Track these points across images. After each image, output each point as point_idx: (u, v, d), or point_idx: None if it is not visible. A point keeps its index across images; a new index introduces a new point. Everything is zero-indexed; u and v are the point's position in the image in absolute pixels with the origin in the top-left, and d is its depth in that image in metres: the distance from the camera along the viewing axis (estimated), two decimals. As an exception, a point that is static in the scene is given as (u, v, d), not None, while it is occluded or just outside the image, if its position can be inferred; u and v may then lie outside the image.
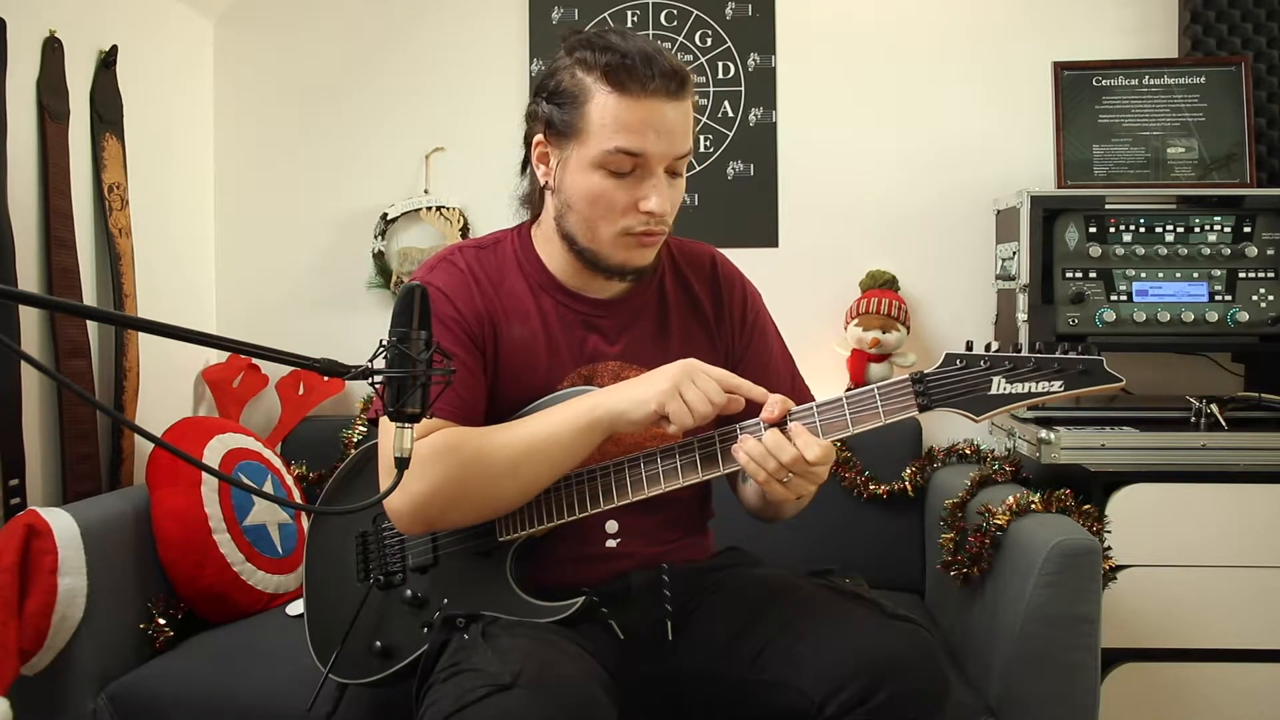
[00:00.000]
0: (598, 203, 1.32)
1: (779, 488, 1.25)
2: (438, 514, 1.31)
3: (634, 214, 1.32)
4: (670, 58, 1.31)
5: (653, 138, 1.29)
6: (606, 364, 1.42)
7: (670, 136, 1.30)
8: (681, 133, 1.32)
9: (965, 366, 1.24)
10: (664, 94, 1.29)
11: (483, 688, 1.12)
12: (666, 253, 1.49)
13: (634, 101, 1.28)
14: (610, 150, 1.29)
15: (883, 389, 1.25)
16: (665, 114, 1.29)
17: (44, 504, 1.84)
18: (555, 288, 1.42)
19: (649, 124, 1.28)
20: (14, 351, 0.93)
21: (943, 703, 1.23)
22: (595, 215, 1.33)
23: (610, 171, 1.30)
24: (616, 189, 1.31)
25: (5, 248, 1.76)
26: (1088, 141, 2.27)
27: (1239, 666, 1.90)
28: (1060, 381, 1.21)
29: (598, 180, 1.31)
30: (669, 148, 1.30)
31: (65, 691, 1.66)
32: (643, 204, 1.31)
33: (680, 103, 1.31)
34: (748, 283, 1.55)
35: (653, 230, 1.33)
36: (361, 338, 1.50)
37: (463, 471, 1.28)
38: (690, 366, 1.27)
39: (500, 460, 1.28)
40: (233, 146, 2.56)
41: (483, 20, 2.52)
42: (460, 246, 1.46)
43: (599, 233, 1.34)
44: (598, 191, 1.31)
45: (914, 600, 2.12)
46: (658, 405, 1.25)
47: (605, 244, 1.34)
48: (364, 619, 1.44)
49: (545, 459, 1.29)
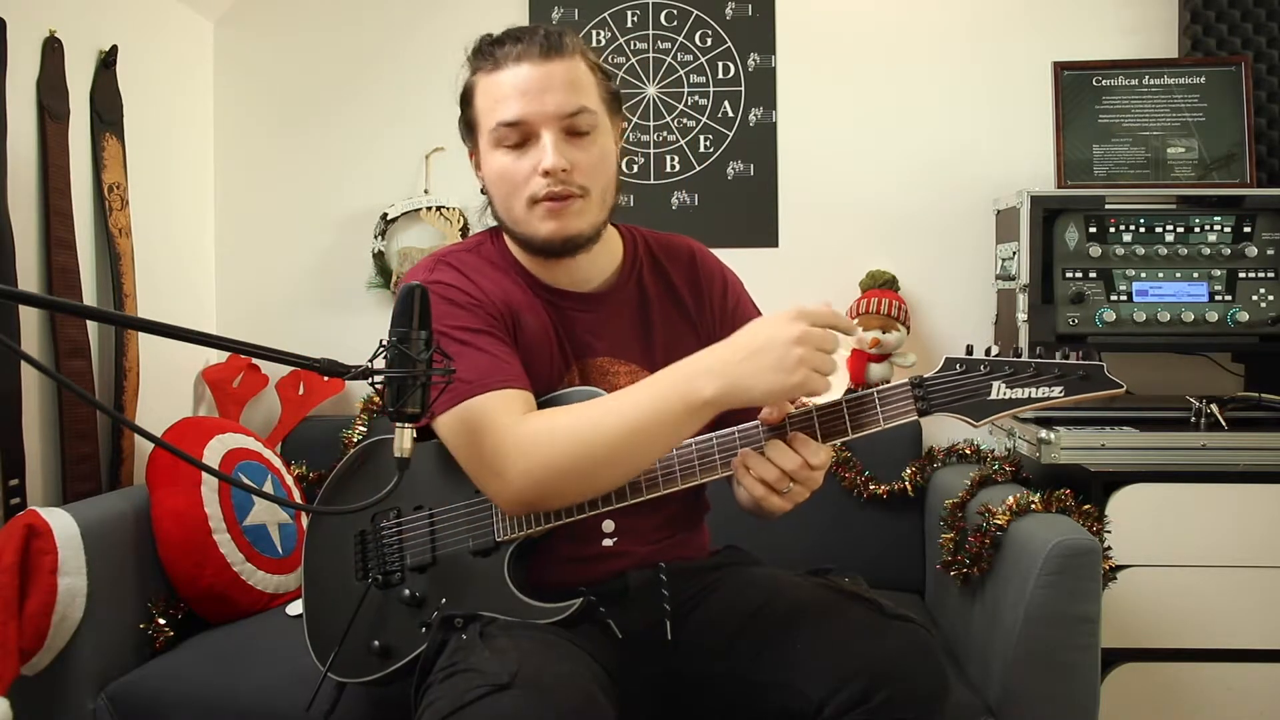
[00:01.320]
0: (503, 180, 1.35)
1: (777, 500, 1.24)
2: (545, 495, 1.28)
3: (535, 179, 1.33)
4: (546, 27, 1.35)
5: (527, 101, 1.31)
6: (596, 360, 1.42)
7: (544, 96, 1.31)
8: (561, 90, 1.32)
9: (965, 371, 1.24)
10: (531, 58, 1.32)
11: (480, 688, 1.12)
12: (644, 247, 1.50)
13: (503, 73, 1.33)
14: (494, 127, 1.33)
15: (882, 393, 1.25)
16: (534, 76, 1.32)
17: (44, 504, 1.84)
18: (537, 284, 1.43)
19: (520, 90, 1.32)
20: (14, 351, 0.93)
21: (942, 703, 1.23)
22: (506, 193, 1.36)
23: (507, 147, 1.34)
24: (515, 161, 1.34)
25: (5, 248, 1.76)
26: (1088, 141, 2.27)
27: (1239, 666, 1.90)
28: (1061, 387, 1.21)
29: (499, 158, 1.35)
30: (548, 106, 1.31)
31: (65, 691, 1.66)
32: (540, 165, 1.32)
33: (552, 63, 1.32)
34: (728, 271, 1.55)
35: (555, 192, 1.32)
36: (361, 338, 1.50)
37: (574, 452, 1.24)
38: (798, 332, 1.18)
39: (612, 441, 1.23)
40: (233, 146, 2.56)
41: (483, 20, 2.48)
42: (451, 250, 1.46)
43: (514, 210, 1.36)
44: (499, 169, 1.35)
45: (914, 600, 2.12)
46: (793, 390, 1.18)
47: (522, 220, 1.36)
48: (362, 618, 1.43)
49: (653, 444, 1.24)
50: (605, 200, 1.38)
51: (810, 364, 1.18)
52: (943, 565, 1.85)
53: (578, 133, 1.34)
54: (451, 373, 1.14)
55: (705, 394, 1.20)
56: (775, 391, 1.18)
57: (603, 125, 1.37)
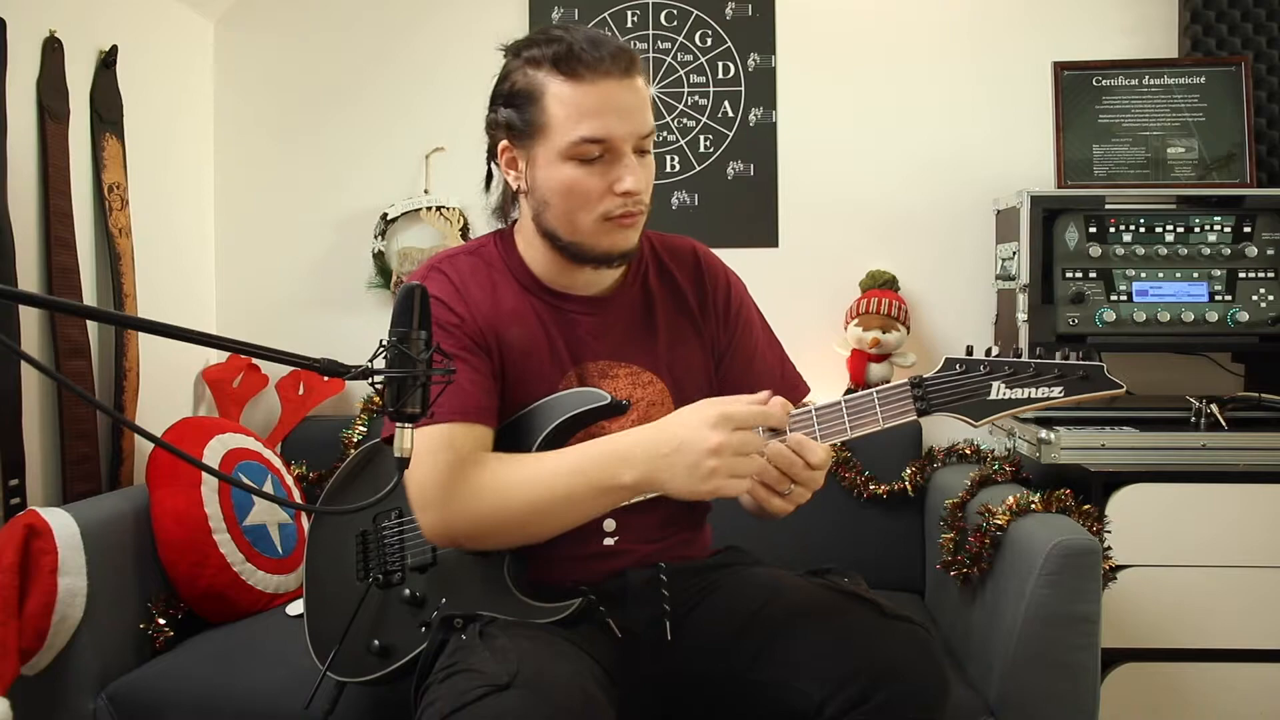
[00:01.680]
0: (573, 193, 1.32)
1: (778, 501, 1.24)
2: (466, 540, 1.34)
3: (610, 198, 1.32)
4: (615, 39, 1.33)
5: (614, 119, 1.29)
6: (596, 362, 1.42)
7: (630, 115, 1.30)
8: (640, 110, 1.32)
9: (965, 371, 1.24)
10: (616, 74, 1.29)
11: (480, 688, 1.12)
12: (649, 247, 1.50)
13: (589, 86, 1.29)
14: (576, 140, 1.29)
15: (881, 393, 1.25)
16: (621, 94, 1.30)
17: (44, 504, 1.84)
18: (541, 289, 1.42)
19: (607, 106, 1.29)
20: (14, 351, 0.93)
21: (942, 703, 1.23)
22: (573, 206, 1.33)
23: (580, 160, 1.30)
24: (589, 176, 1.31)
25: (5, 248, 1.76)
26: (1088, 141, 2.27)
27: (1239, 666, 1.90)
28: (1060, 387, 1.21)
29: (569, 171, 1.31)
30: (632, 127, 1.31)
31: (65, 691, 1.66)
32: (618, 185, 1.31)
33: (632, 81, 1.31)
34: (731, 273, 1.55)
35: (631, 211, 1.33)
36: (361, 338, 1.50)
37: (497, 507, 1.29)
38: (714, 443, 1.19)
39: (530, 506, 1.28)
40: (233, 146, 2.56)
41: (483, 20, 2.52)
42: (448, 254, 1.45)
43: (579, 223, 1.33)
44: (571, 182, 1.31)
45: (914, 600, 2.12)
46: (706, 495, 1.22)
47: (587, 234, 1.34)
48: (363, 618, 1.44)
49: (569, 517, 1.29)
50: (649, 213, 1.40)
51: (725, 472, 1.19)
52: (943, 565, 1.85)
53: (643, 152, 1.34)
54: (452, 372, 1.14)
55: (624, 480, 1.25)
56: (688, 494, 1.22)
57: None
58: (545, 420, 1.36)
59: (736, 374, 1.49)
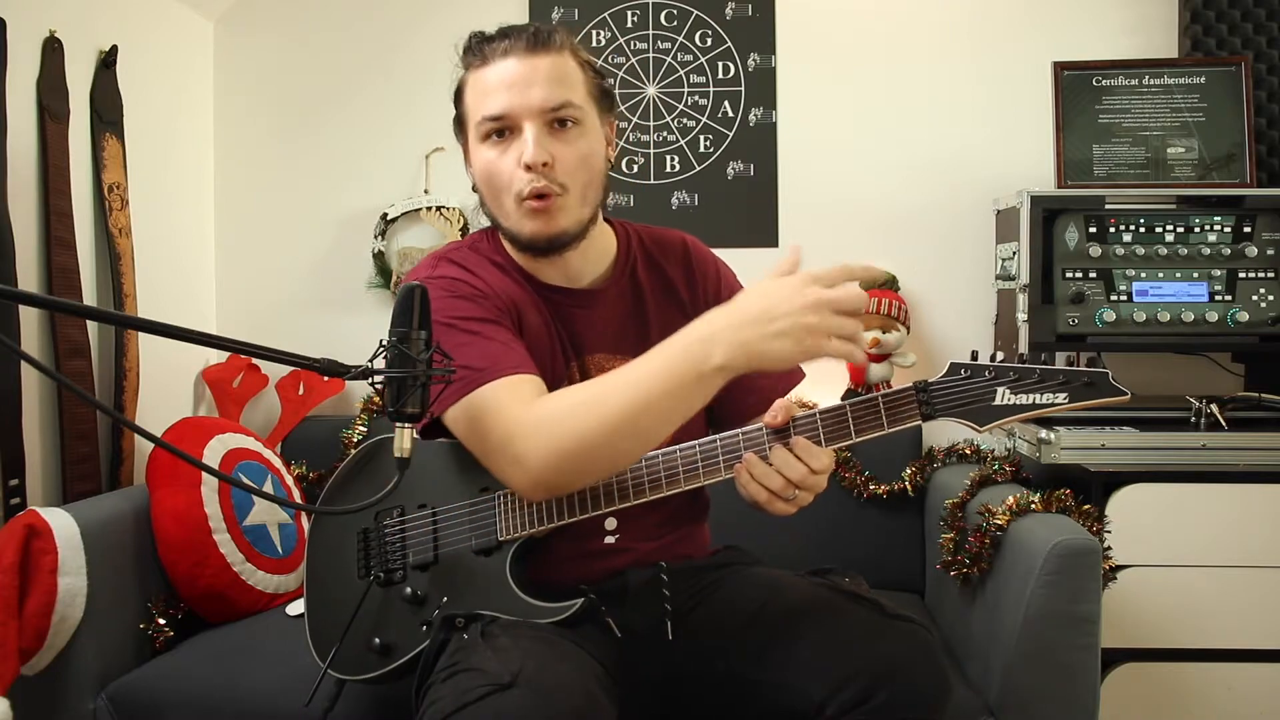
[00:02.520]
0: (490, 175, 1.35)
1: (781, 504, 1.24)
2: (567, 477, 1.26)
3: (518, 174, 1.33)
4: (539, 25, 1.35)
5: (507, 94, 1.32)
6: (594, 355, 1.43)
7: (527, 89, 1.31)
8: (545, 84, 1.32)
9: (970, 376, 1.24)
10: (517, 52, 1.32)
11: (482, 687, 1.12)
12: (636, 241, 1.50)
13: (489, 68, 1.34)
14: (479, 120, 1.34)
15: (887, 398, 1.25)
16: (519, 70, 1.32)
17: (44, 504, 1.84)
18: (532, 282, 1.43)
19: (504, 83, 1.32)
20: (14, 351, 0.93)
21: (943, 703, 1.23)
22: (493, 189, 1.36)
23: (491, 143, 1.34)
24: (499, 156, 1.34)
25: (5, 248, 1.76)
26: (1088, 141, 2.27)
27: (1239, 666, 1.90)
28: (1065, 394, 1.21)
29: (483, 154, 1.35)
30: (531, 99, 1.31)
31: (65, 691, 1.66)
32: (521, 160, 1.31)
33: (538, 57, 1.33)
34: (721, 264, 1.55)
35: (540, 188, 1.32)
36: (361, 338, 1.50)
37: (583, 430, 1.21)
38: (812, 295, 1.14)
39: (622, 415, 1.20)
40: (233, 146, 2.56)
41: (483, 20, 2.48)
42: (451, 248, 1.46)
43: (503, 205, 1.36)
44: (485, 164, 1.35)
45: (914, 600, 2.12)
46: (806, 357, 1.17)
47: (512, 217, 1.36)
48: (364, 616, 1.44)
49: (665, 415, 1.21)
50: (587, 197, 1.37)
51: (824, 330, 1.15)
52: (943, 565, 1.85)
53: (563, 125, 1.34)
54: (451, 372, 1.14)
55: (715, 360, 1.17)
56: (787, 359, 1.16)
57: (589, 122, 1.37)
58: None
59: None
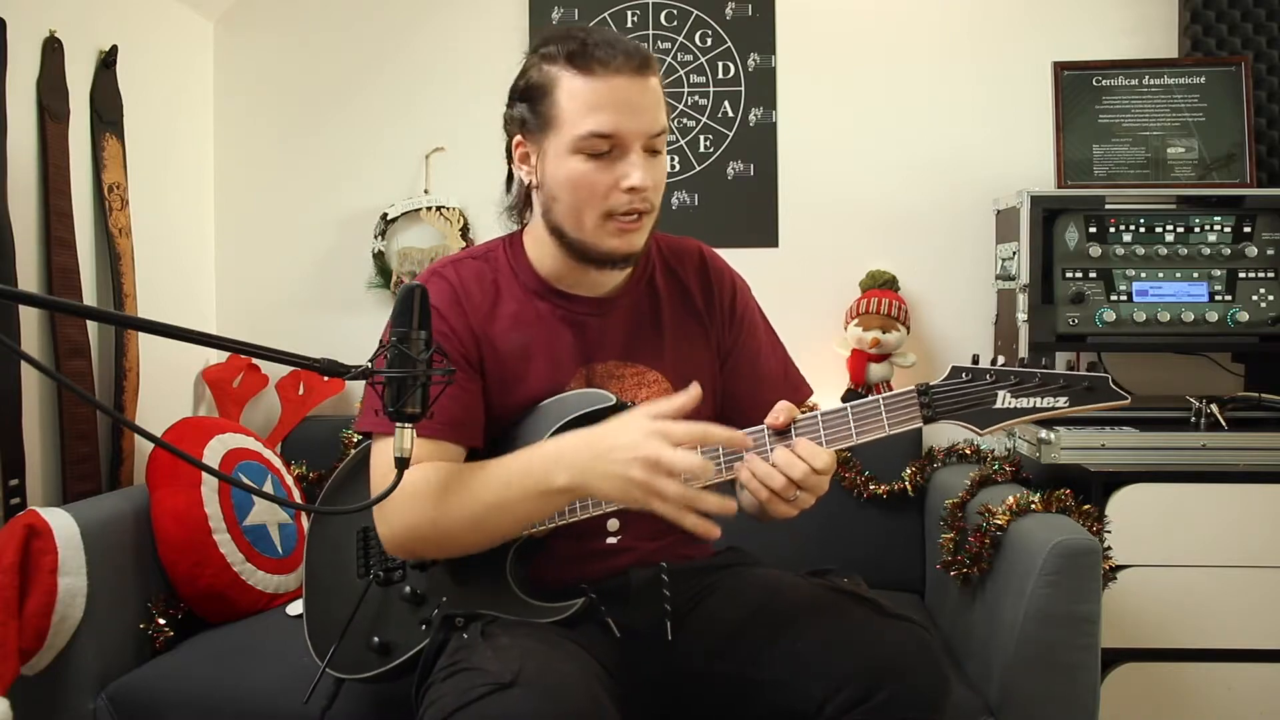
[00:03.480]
0: (580, 187, 1.32)
1: (782, 506, 1.24)
2: (417, 551, 1.36)
3: (616, 194, 1.31)
4: (632, 41, 1.33)
5: (623, 115, 1.29)
6: (605, 364, 1.42)
7: (640, 113, 1.31)
8: (652, 109, 1.32)
9: (971, 380, 1.25)
10: (629, 72, 1.30)
11: (483, 686, 1.12)
12: (655, 248, 1.50)
13: (600, 81, 1.29)
14: (584, 134, 1.30)
15: (888, 400, 1.25)
16: (632, 91, 1.30)
17: (44, 504, 1.84)
18: (549, 291, 1.42)
19: (618, 102, 1.29)
20: (14, 351, 0.93)
21: (942, 703, 1.23)
22: (579, 200, 1.33)
23: (588, 155, 1.31)
24: (596, 171, 1.31)
25: (5, 248, 1.76)
26: (1088, 141, 2.27)
27: (1239, 666, 1.90)
28: (1065, 398, 1.22)
29: (577, 165, 1.31)
30: (641, 124, 1.31)
31: (65, 691, 1.66)
32: (624, 181, 1.30)
33: (646, 80, 1.32)
34: (736, 275, 1.55)
35: (637, 209, 1.33)
36: (361, 338, 1.50)
37: (436, 517, 1.29)
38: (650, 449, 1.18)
39: (468, 513, 1.29)
40: (233, 146, 2.56)
41: (483, 20, 2.52)
42: (452, 259, 1.46)
43: (585, 219, 1.33)
44: (578, 175, 1.32)
45: (914, 600, 2.12)
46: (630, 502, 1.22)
47: (592, 230, 1.34)
48: (363, 614, 1.44)
49: (511, 517, 1.30)
50: (657, 218, 1.39)
51: (648, 488, 1.18)
52: (943, 565, 1.85)
53: (654, 152, 1.34)
54: (451, 371, 1.14)
55: (558, 482, 1.24)
56: (616, 499, 1.23)
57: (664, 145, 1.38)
58: (549, 421, 1.36)
59: (741, 375, 1.50)
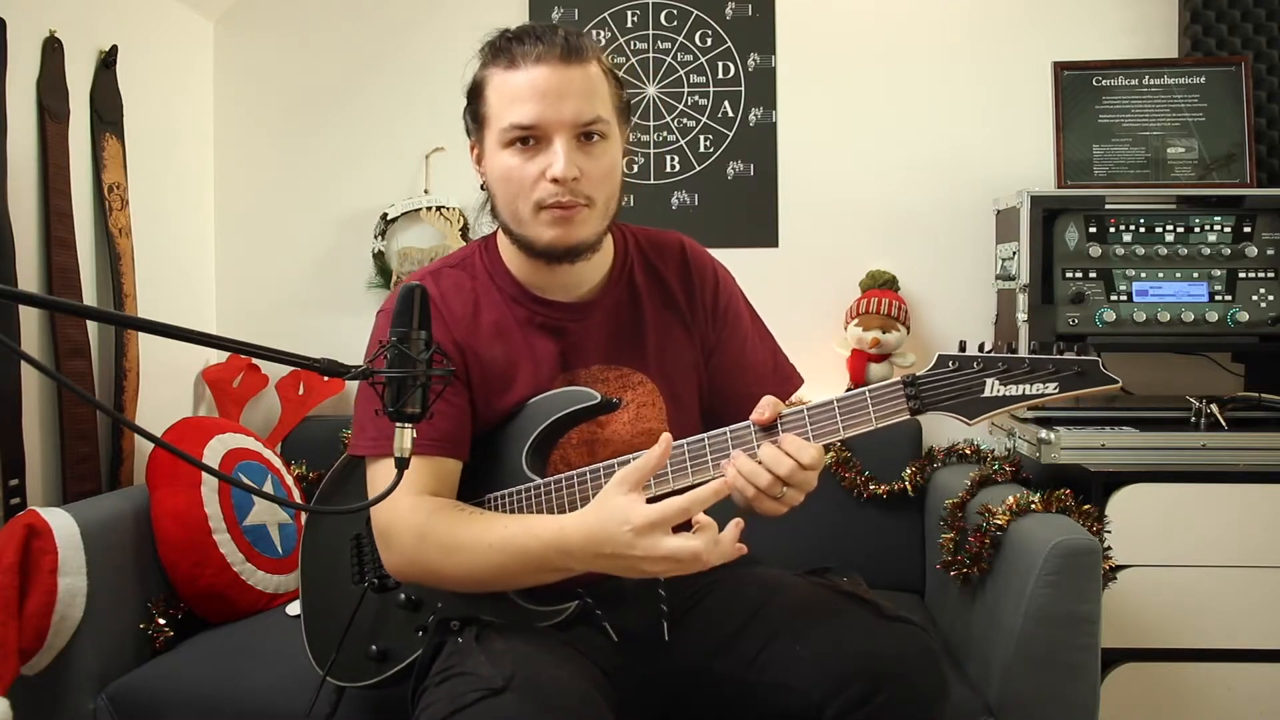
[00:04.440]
0: (510, 180, 1.32)
1: (770, 503, 1.23)
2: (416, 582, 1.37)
3: (543, 184, 1.31)
4: (567, 30, 1.33)
5: (544, 105, 1.29)
6: (589, 369, 1.41)
7: (562, 101, 1.29)
8: (577, 97, 1.30)
9: (958, 368, 1.22)
10: (551, 60, 1.29)
11: (476, 691, 1.12)
12: (634, 244, 1.49)
13: (519, 73, 1.30)
14: (506, 126, 1.30)
15: (874, 392, 1.23)
16: (554, 80, 1.29)
17: (44, 504, 1.84)
18: (527, 297, 1.42)
19: (536, 92, 1.29)
20: (14, 351, 0.93)
21: (941, 703, 1.22)
22: (511, 193, 1.33)
23: (515, 148, 1.31)
24: (524, 163, 1.31)
25: (5, 248, 1.76)
26: (1088, 141, 2.26)
27: (1239, 666, 1.90)
28: (1055, 383, 1.18)
29: (505, 158, 1.32)
30: (565, 113, 1.29)
31: (65, 691, 1.66)
32: (548, 172, 1.30)
33: (571, 68, 1.30)
34: (719, 266, 1.53)
35: (564, 201, 1.31)
36: (362, 338, 1.50)
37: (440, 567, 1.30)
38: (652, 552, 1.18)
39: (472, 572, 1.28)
40: (233, 146, 2.56)
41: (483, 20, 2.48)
42: (430, 270, 1.45)
43: (519, 212, 1.34)
44: (506, 169, 1.32)
45: (914, 600, 2.12)
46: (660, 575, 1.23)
47: (528, 223, 1.34)
48: (360, 622, 1.43)
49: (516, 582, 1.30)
50: (609, 209, 1.37)
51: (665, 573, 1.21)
52: (943, 565, 1.85)
53: (591, 140, 1.33)
54: (451, 371, 1.14)
55: (571, 566, 1.25)
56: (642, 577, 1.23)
57: (613, 134, 1.35)
58: (534, 422, 1.36)
59: (727, 369, 1.48)
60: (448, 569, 1.29)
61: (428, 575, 1.32)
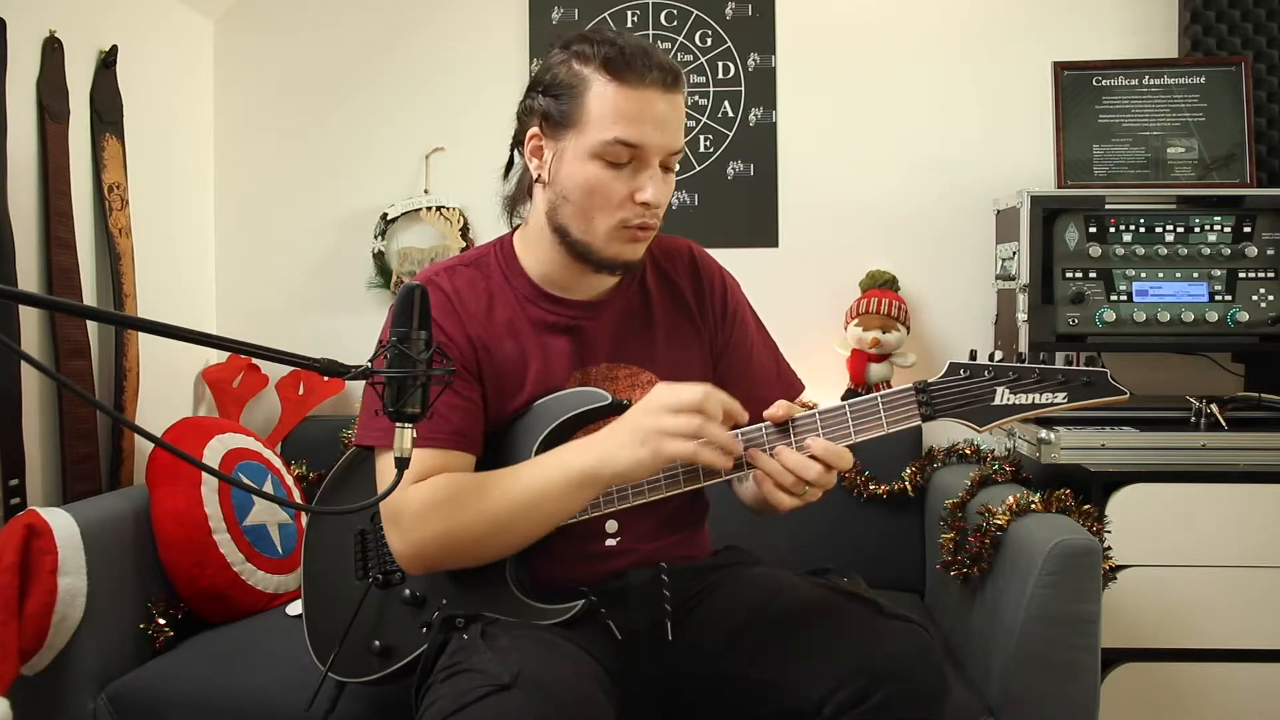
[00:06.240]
0: (595, 193, 1.31)
1: (787, 497, 1.24)
2: (436, 562, 1.34)
3: (630, 205, 1.32)
4: (664, 54, 1.33)
5: (650, 129, 1.29)
6: (598, 367, 1.42)
7: (665, 129, 1.31)
8: (676, 127, 1.33)
9: (969, 376, 1.24)
10: (661, 86, 1.30)
11: (482, 688, 1.12)
12: (646, 249, 1.49)
13: (632, 91, 1.29)
14: (609, 140, 1.29)
15: (886, 398, 1.25)
16: (661, 106, 1.30)
17: (44, 504, 1.84)
18: (540, 296, 1.42)
19: (646, 115, 1.29)
20: (14, 351, 0.93)
21: (941, 703, 1.23)
22: (592, 206, 1.32)
23: (608, 162, 1.30)
24: (614, 179, 1.31)
25: (5, 248, 1.76)
26: (1088, 141, 2.27)
27: (1239, 666, 1.90)
28: (1064, 393, 1.22)
29: (595, 170, 1.31)
30: (665, 140, 1.31)
31: (65, 691, 1.66)
32: (639, 195, 1.31)
33: (674, 96, 1.32)
34: (726, 273, 1.55)
35: (647, 223, 1.34)
36: (361, 338, 1.50)
37: (457, 525, 1.29)
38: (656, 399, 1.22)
39: (492, 517, 1.28)
40: (233, 146, 2.56)
41: (483, 20, 2.52)
42: (445, 266, 1.45)
43: (595, 224, 1.33)
44: (595, 181, 1.31)
45: (914, 600, 2.12)
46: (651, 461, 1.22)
47: (600, 236, 1.34)
48: (363, 618, 1.43)
49: (538, 516, 1.29)
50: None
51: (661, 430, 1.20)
52: (943, 565, 1.85)
53: (668, 168, 1.35)
54: (451, 371, 1.14)
55: (583, 463, 1.25)
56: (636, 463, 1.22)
57: None
58: (544, 421, 1.36)
59: (734, 372, 1.50)
60: (463, 524, 1.28)
61: (440, 542, 1.29)
